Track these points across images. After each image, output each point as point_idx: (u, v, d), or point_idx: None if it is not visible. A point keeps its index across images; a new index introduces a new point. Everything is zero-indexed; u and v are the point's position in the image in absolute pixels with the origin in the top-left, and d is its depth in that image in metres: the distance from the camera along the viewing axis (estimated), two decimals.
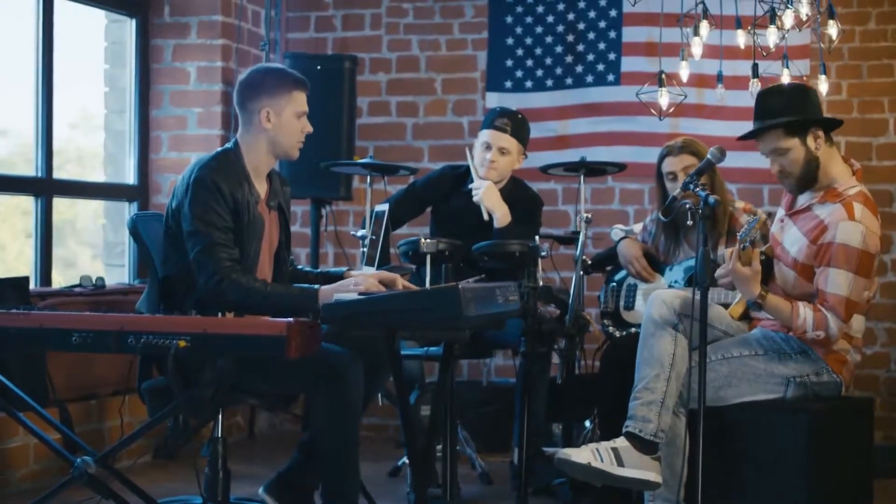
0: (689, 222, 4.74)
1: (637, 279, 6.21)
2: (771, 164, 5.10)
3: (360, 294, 4.60)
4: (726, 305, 5.35)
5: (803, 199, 5.14)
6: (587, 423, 6.61)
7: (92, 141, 8.07)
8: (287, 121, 4.89)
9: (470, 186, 6.25)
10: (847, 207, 4.93)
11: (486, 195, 6.18)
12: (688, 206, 4.76)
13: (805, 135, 5.01)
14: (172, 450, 6.96)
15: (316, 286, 4.74)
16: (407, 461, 6.41)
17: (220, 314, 4.54)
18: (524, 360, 5.67)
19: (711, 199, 4.62)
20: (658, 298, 5.08)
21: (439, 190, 6.43)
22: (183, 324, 4.34)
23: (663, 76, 6.80)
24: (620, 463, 4.84)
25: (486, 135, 6.28)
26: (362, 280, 4.75)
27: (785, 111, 5.03)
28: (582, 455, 4.85)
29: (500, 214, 6.17)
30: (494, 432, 7.50)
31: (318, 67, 7.44)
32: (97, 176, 7.96)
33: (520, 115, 6.35)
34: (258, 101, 4.86)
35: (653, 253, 6.22)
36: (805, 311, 4.84)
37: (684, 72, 6.85)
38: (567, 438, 6.10)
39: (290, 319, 4.26)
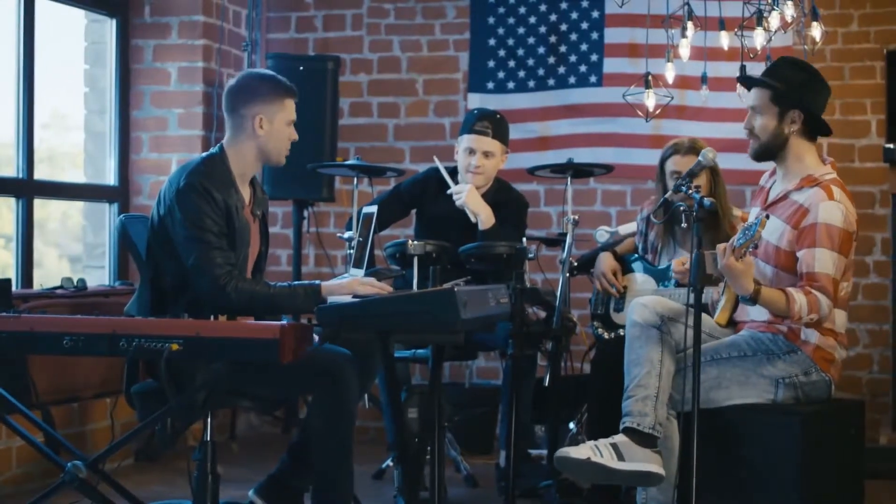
0: (684, 224, 4.72)
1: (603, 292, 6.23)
2: (746, 119, 5.14)
3: (354, 297, 4.59)
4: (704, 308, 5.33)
5: (778, 189, 5.15)
6: (571, 425, 6.60)
7: (64, 141, 8.01)
8: (278, 128, 4.88)
9: (449, 192, 6.21)
10: (826, 189, 4.96)
11: (469, 199, 6.14)
12: (682, 208, 4.74)
13: (785, 111, 5.03)
14: (157, 453, 6.93)
15: (317, 282, 4.74)
16: (391, 463, 6.40)
17: (213, 317, 4.50)
18: (512, 362, 5.64)
19: (707, 201, 4.60)
20: (639, 304, 5.07)
21: (424, 192, 6.39)
22: (176, 327, 4.31)
23: (650, 78, 6.78)
24: (621, 457, 4.80)
25: (467, 140, 6.24)
26: (369, 282, 4.74)
27: (784, 81, 5.04)
28: (581, 451, 4.82)
29: (485, 216, 6.14)
30: (478, 434, 7.50)
31: (301, 68, 7.40)
32: (69, 176, 7.89)
33: (498, 115, 6.32)
34: (252, 107, 4.83)
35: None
36: (799, 297, 4.82)
37: (670, 73, 6.84)
38: (552, 440, 6.07)
39: (284, 323, 4.25)
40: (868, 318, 7.74)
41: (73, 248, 8.00)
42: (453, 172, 6.36)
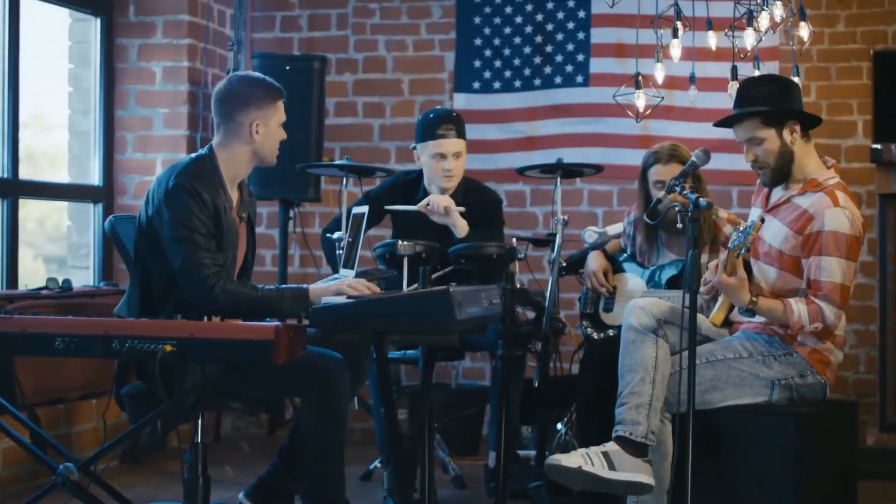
0: (679, 225, 4.70)
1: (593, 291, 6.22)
2: (745, 153, 5.12)
3: (348, 297, 4.56)
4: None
5: (779, 194, 5.14)
6: (559, 426, 6.58)
7: (43, 141, 7.95)
8: (272, 131, 4.88)
9: (421, 207, 6.09)
10: (830, 195, 4.96)
11: (449, 210, 6.06)
12: (677, 208, 4.72)
13: (781, 127, 5.03)
14: (142, 455, 6.89)
15: (305, 286, 4.72)
16: (380, 465, 6.37)
17: (206, 318, 4.47)
18: (502, 363, 5.61)
19: (703, 201, 4.58)
20: (636, 306, 5.06)
21: (394, 197, 6.34)
22: (169, 328, 4.27)
23: (640, 78, 6.77)
24: (612, 467, 4.80)
25: (434, 146, 6.12)
26: (356, 282, 4.71)
27: (764, 101, 5.04)
28: (572, 460, 4.81)
29: (461, 226, 6.07)
30: (464, 435, 7.47)
31: (287, 68, 7.37)
32: (48, 176, 7.83)
33: (454, 113, 6.26)
34: (247, 113, 4.81)
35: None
36: (798, 307, 4.84)
37: (659, 73, 6.83)
38: (540, 441, 6.05)
39: (278, 324, 4.22)
40: (855, 318, 7.73)
41: (48, 249, 7.95)
42: (418, 178, 6.32)
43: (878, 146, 7.39)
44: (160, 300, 4.73)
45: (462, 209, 6.02)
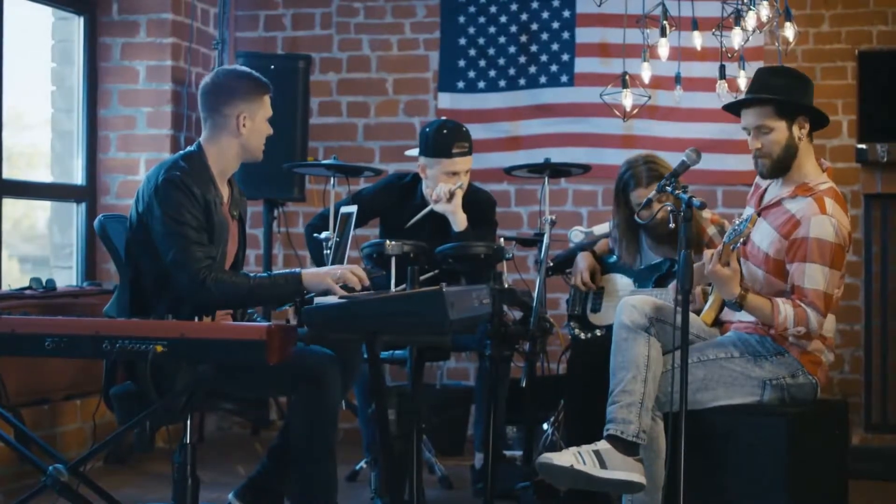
0: (672, 225, 4.68)
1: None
2: (751, 140, 5.07)
3: (340, 297, 4.55)
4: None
5: (772, 194, 5.14)
6: (546, 426, 6.57)
7: (20, 140, 7.90)
8: (259, 125, 4.87)
9: (435, 200, 6.09)
10: (818, 202, 4.94)
11: (455, 205, 6.07)
12: (669, 208, 4.71)
13: (792, 120, 5.01)
14: (127, 455, 6.86)
15: (298, 270, 4.72)
16: (366, 465, 6.36)
17: (197, 318, 4.45)
18: (491, 363, 5.60)
19: (696, 201, 4.57)
20: (628, 304, 5.04)
21: (387, 201, 6.31)
22: (160, 328, 4.25)
23: (626, 77, 6.75)
24: (603, 465, 4.79)
25: (450, 164, 6.08)
26: (349, 268, 4.71)
27: (782, 91, 5.02)
28: (564, 458, 4.80)
29: (461, 219, 6.08)
30: (449, 436, 7.45)
31: (272, 67, 7.33)
32: (27, 176, 7.77)
33: (464, 129, 6.21)
34: (234, 106, 4.80)
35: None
36: (785, 308, 4.83)
37: (646, 73, 6.81)
38: (527, 442, 6.05)
39: (270, 323, 4.21)
40: (840, 318, 7.58)
41: (22, 249, 7.90)
42: (414, 182, 6.29)
43: (864, 146, 7.44)
44: (152, 299, 4.71)
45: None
